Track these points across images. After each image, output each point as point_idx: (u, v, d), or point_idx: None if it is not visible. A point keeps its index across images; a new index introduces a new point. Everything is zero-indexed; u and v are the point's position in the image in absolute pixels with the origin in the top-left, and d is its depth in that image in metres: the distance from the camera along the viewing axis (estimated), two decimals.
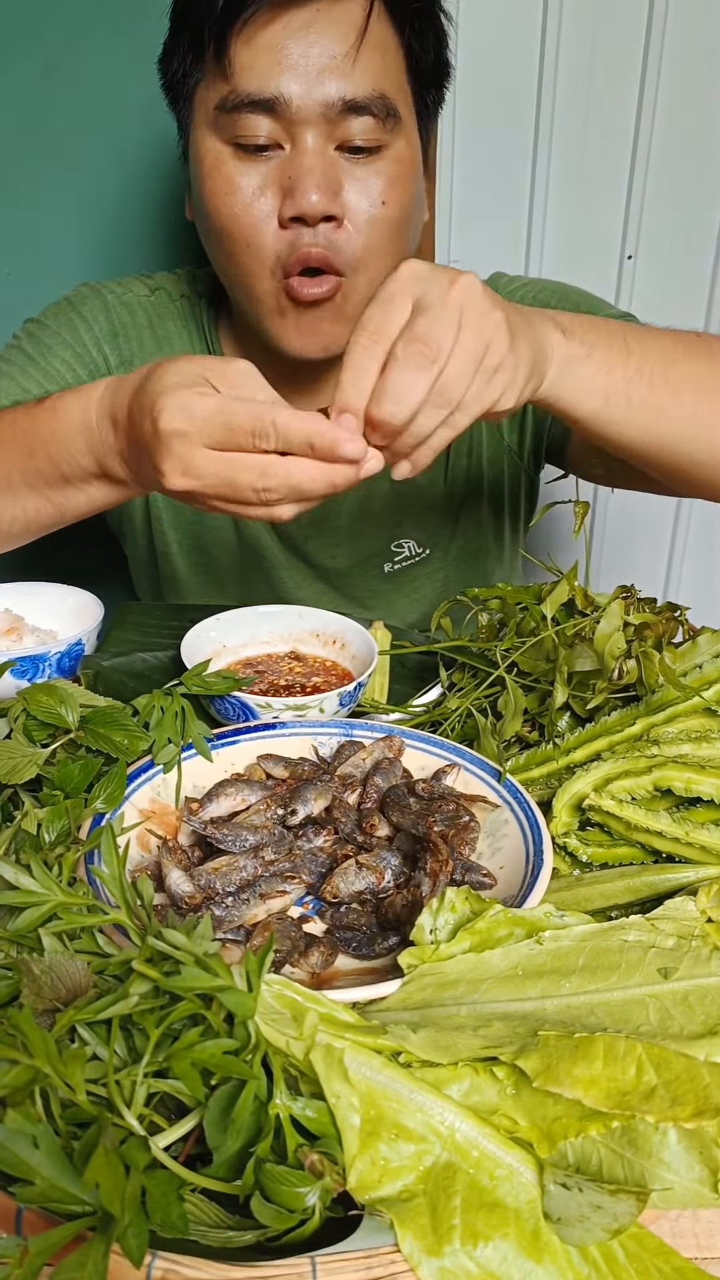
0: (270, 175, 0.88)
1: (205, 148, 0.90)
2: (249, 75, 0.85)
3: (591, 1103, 0.41)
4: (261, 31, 0.84)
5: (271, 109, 0.85)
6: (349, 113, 0.86)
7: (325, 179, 0.86)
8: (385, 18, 0.87)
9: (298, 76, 0.84)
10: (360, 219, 0.89)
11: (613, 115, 1.57)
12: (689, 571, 1.92)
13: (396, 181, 0.90)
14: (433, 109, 0.97)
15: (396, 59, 0.89)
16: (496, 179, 1.62)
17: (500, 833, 0.62)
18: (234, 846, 0.60)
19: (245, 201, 0.89)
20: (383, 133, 0.88)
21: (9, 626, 0.88)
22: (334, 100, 0.85)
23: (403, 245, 0.95)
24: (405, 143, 0.91)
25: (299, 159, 0.86)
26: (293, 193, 0.86)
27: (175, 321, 1.14)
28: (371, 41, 0.86)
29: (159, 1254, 0.38)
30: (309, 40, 0.84)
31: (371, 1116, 0.41)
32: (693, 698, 0.66)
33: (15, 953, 0.48)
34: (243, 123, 0.86)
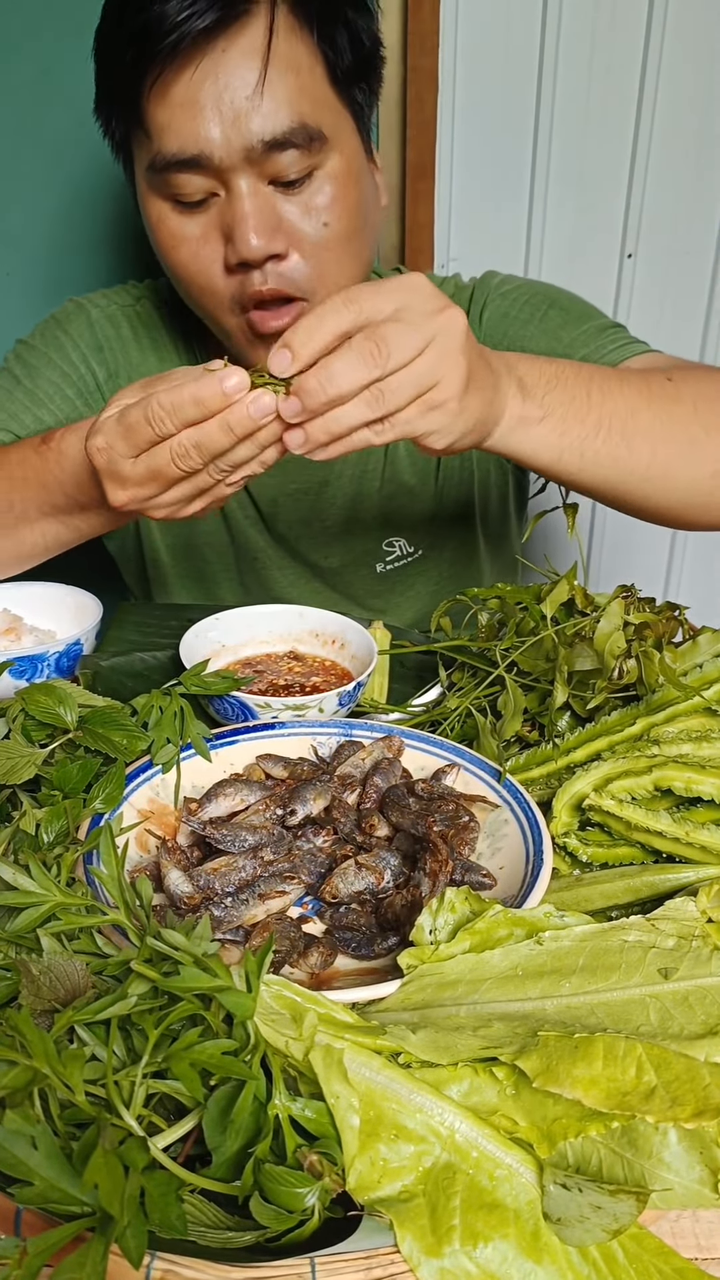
0: (211, 222, 0.89)
1: (148, 202, 0.91)
2: (169, 135, 0.84)
3: (591, 1103, 0.41)
4: (173, 86, 0.83)
5: (198, 164, 0.85)
6: (272, 150, 0.84)
7: (262, 220, 0.86)
8: (293, 32, 0.84)
9: (215, 126, 0.83)
10: (307, 245, 0.89)
11: (613, 115, 1.57)
12: (689, 571, 1.93)
13: (335, 199, 0.89)
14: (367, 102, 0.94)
15: (313, 72, 0.86)
16: (496, 179, 1.62)
17: (500, 833, 0.62)
18: (233, 847, 0.60)
19: (192, 252, 0.90)
20: (311, 158, 0.86)
21: (7, 626, 0.88)
22: (254, 145, 0.83)
23: (361, 249, 0.94)
24: (339, 155, 0.89)
25: (234, 205, 0.86)
26: (233, 239, 0.86)
27: (162, 329, 1.14)
28: (280, 65, 0.83)
29: (158, 1254, 0.38)
30: (219, 85, 0.82)
31: (371, 1117, 0.41)
32: (693, 697, 0.66)
33: (14, 953, 0.48)
34: (174, 181, 0.86)
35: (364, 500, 1.15)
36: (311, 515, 1.15)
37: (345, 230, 0.91)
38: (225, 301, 0.92)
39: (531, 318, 1.05)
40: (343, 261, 0.92)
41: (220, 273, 0.90)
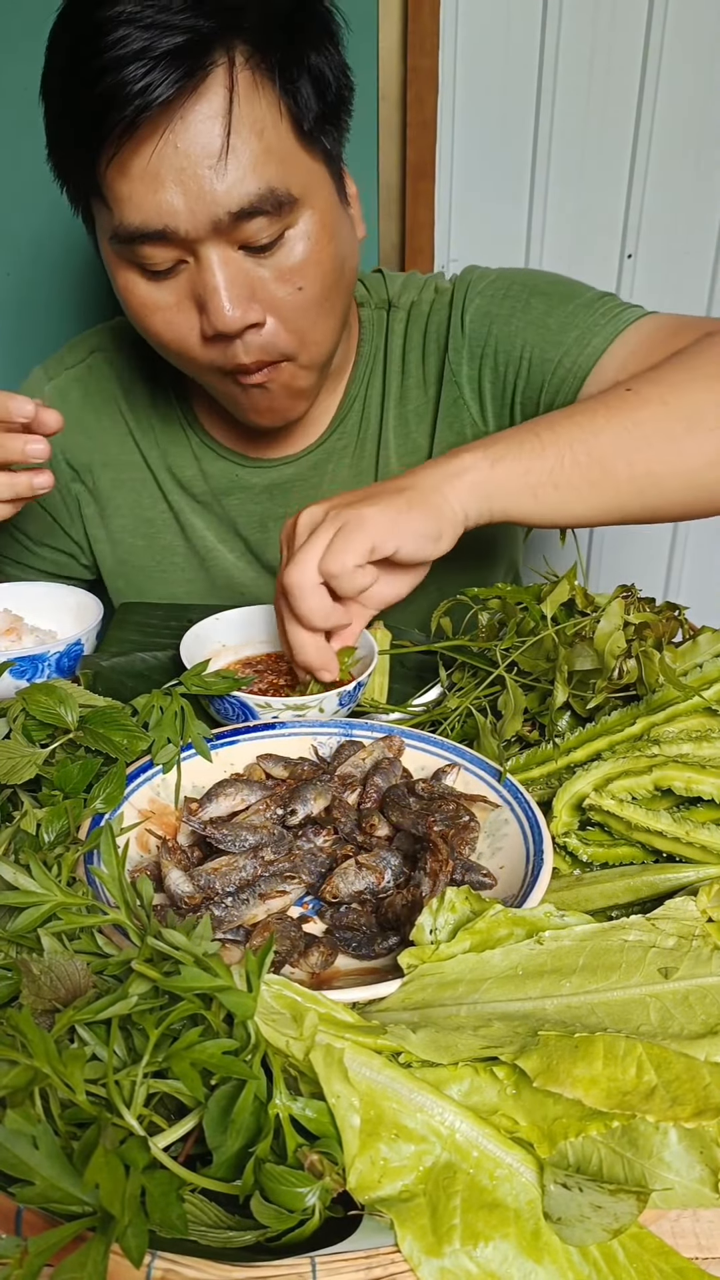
0: (183, 290, 0.85)
1: (114, 264, 0.87)
2: (130, 207, 0.80)
3: (592, 1103, 0.41)
4: (133, 158, 0.77)
5: (163, 237, 0.80)
6: (239, 221, 0.80)
7: (236, 290, 0.82)
8: (254, 90, 0.78)
9: (178, 198, 0.78)
10: (284, 310, 0.86)
11: (613, 115, 1.57)
12: (689, 571, 1.93)
13: (309, 261, 0.85)
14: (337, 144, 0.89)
15: (278, 130, 0.80)
16: (496, 179, 1.62)
17: (500, 832, 0.62)
18: (233, 846, 0.60)
19: (166, 320, 0.87)
20: (281, 221, 0.82)
21: (8, 626, 0.88)
22: (221, 217, 0.79)
23: (337, 302, 0.91)
24: (311, 211, 0.84)
25: (204, 276, 0.82)
26: (207, 311, 0.83)
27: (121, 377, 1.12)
28: (244, 128, 0.78)
29: (159, 1254, 0.38)
30: (180, 155, 0.77)
31: (371, 1117, 0.41)
32: (693, 697, 0.66)
33: (15, 953, 0.48)
34: (140, 253, 0.82)
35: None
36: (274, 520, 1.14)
37: (320, 291, 0.88)
38: (205, 366, 0.90)
39: (514, 311, 1.01)
40: (319, 322, 0.90)
41: (197, 341, 0.87)
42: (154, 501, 1.14)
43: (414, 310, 1.08)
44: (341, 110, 0.88)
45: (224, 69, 0.76)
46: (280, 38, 0.79)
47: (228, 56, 0.76)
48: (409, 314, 1.08)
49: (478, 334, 1.03)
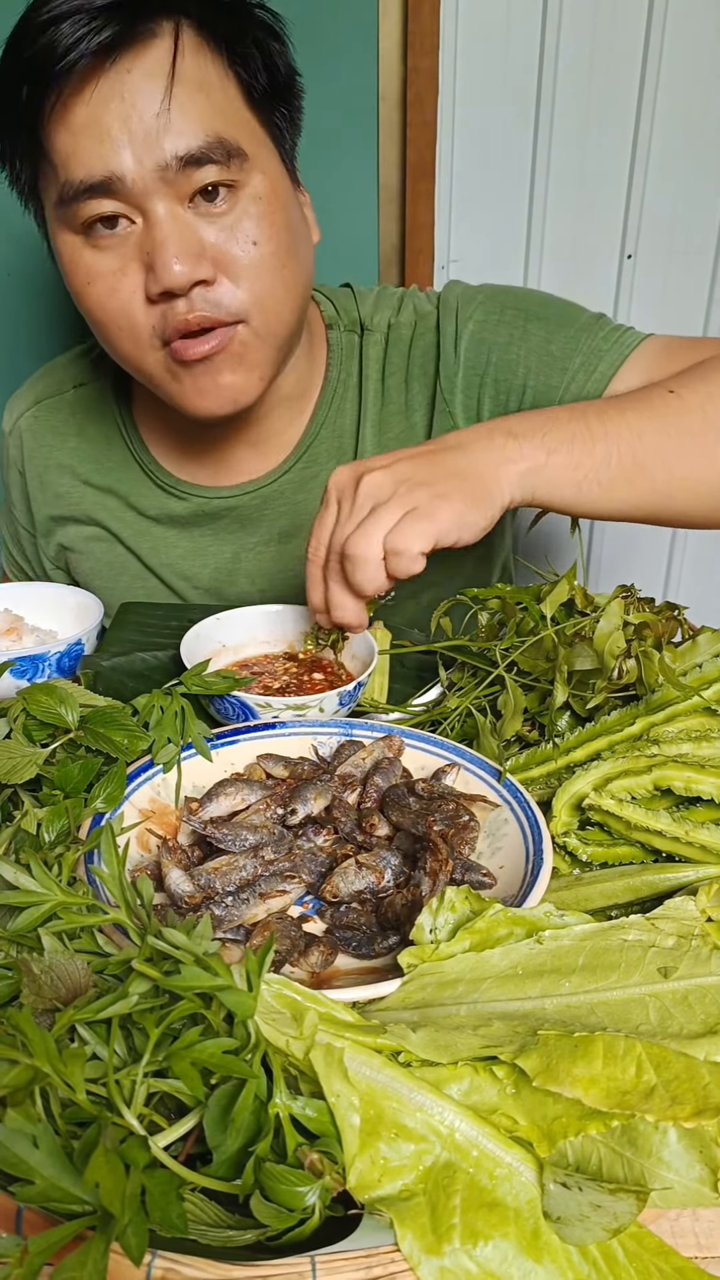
0: (128, 254, 0.83)
1: (61, 242, 0.86)
2: (75, 162, 0.79)
3: (591, 1102, 0.41)
4: (74, 112, 0.78)
5: (109, 189, 0.79)
6: (188, 167, 0.79)
7: (184, 245, 0.81)
8: (201, 51, 0.80)
9: (123, 147, 0.78)
10: (236, 267, 0.84)
11: (613, 115, 1.57)
12: (689, 571, 1.93)
13: (263, 218, 0.84)
14: (288, 128, 0.89)
15: (226, 92, 0.81)
16: (496, 179, 1.62)
17: (500, 832, 0.62)
18: (234, 846, 0.60)
19: (109, 287, 0.84)
20: (230, 174, 0.81)
21: (9, 626, 0.88)
22: (168, 161, 0.78)
23: (294, 276, 0.89)
24: (262, 175, 0.84)
25: (152, 232, 0.81)
26: (154, 267, 0.81)
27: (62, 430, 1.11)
28: (190, 83, 0.79)
29: (159, 1253, 0.38)
30: (125, 105, 0.77)
31: (371, 1116, 0.41)
32: (692, 697, 0.66)
33: (15, 952, 0.48)
34: (84, 209, 0.81)
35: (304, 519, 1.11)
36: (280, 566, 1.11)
37: (276, 250, 0.86)
38: (145, 337, 0.86)
39: (513, 339, 0.99)
40: (276, 288, 0.87)
41: (141, 305, 0.84)
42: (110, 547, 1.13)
43: (392, 333, 1.04)
44: (291, 97, 0.88)
45: (170, 30, 0.78)
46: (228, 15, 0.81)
47: (174, 20, 0.78)
48: (386, 337, 1.04)
49: (475, 362, 1.00)
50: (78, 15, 0.75)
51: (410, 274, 1.64)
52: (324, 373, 1.05)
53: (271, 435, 1.04)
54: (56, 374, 1.13)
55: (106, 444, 1.09)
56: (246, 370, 0.90)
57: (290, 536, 1.09)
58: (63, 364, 1.14)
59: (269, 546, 1.09)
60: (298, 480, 1.06)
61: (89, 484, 1.10)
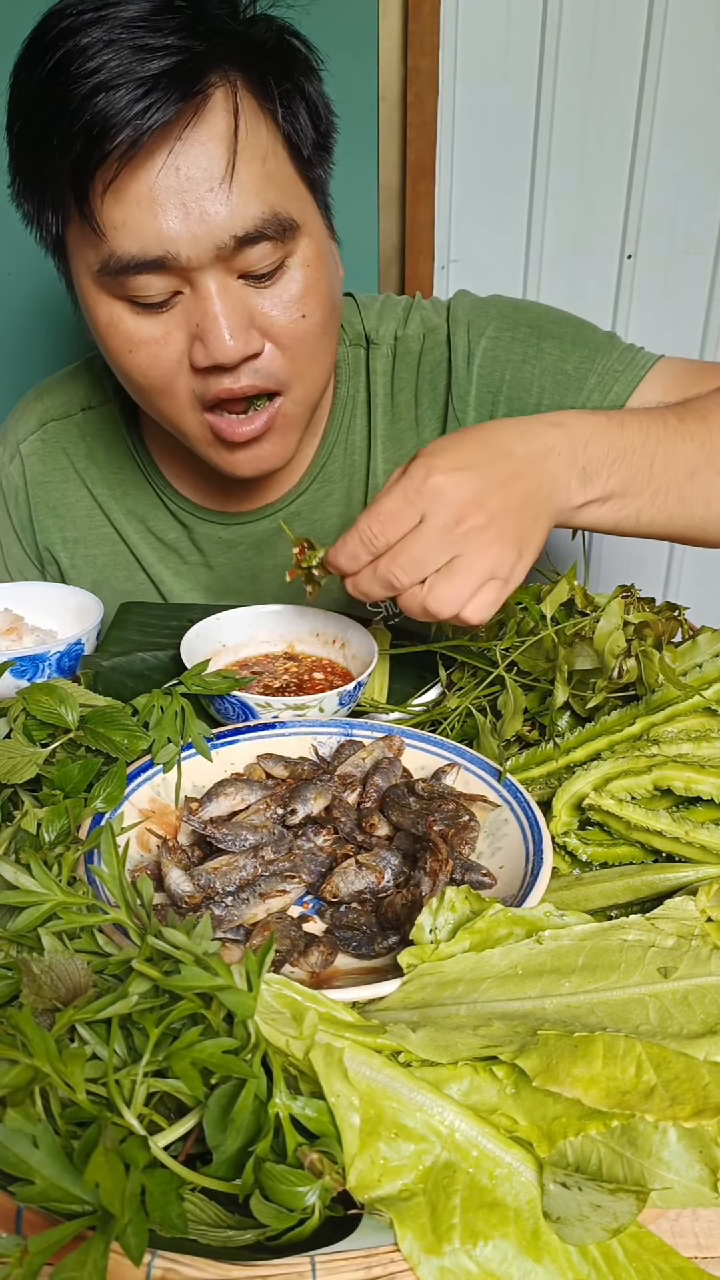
0: (174, 322, 0.80)
1: (96, 302, 0.81)
2: (125, 235, 0.75)
3: (591, 1102, 0.41)
4: (128, 184, 0.73)
5: (161, 266, 0.76)
6: (244, 246, 0.77)
7: (237, 320, 0.79)
8: (256, 115, 0.77)
9: (179, 224, 0.75)
10: (283, 337, 0.82)
11: (613, 115, 1.57)
12: (689, 571, 1.93)
13: (310, 288, 0.82)
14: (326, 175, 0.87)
15: (277, 157, 0.79)
16: (496, 179, 1.62)
17: (500, 832, 0.62)
18: (234, 846, 0.60)
19: (152, 354, 0.82)
20: (283, 248, 0.79)
21: (9, 626, 0.88)
22: (225, 242, 0.76)
23: (331, 338, 0.88)
24: (309, 239, 0.82)
25: (203, 304, 0.78)
26: (204, 340, 0.79)
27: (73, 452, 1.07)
28: (247, 151, 0.75)
29: (159, 1253, 0.38)
30: (181, 178, 0.74)
31: (371, 1116, 0.41)
32: (693, 697, 0.66)
33: (15, 952, 0.48)
34: (133, 284, 0.78)
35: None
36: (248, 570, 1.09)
37: (322, 320, 0.84)
38: (185, 400, 0.85)
39: (527, 357, 0.98)
40: (318, 354, 0.86)
41: (185, 372, 0.82)
42: (130, 574, 1.10)
43: (399, 346, 1.03)
44: (331, 142, 0.85)
45: (224, 93, 0.74)
46: (274, 63, 0.77)
47: (227, 81, 0.75)
48: (394, 350, 1.03)
49: (489, 379, 0.99)
50: (133, 85, 0.70)
51: (410, 274, 1.64)
52: (333, 390, 1.04)
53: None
54: (59, 395, 1.08)
55: (119, 469, 1.06)
56: (285, 439, 0.90)
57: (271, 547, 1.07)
58: (64, 384, 1.09)
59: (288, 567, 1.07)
60: (313, 501, 1.05)
61: (108, 508, 1.07)
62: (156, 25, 0.71)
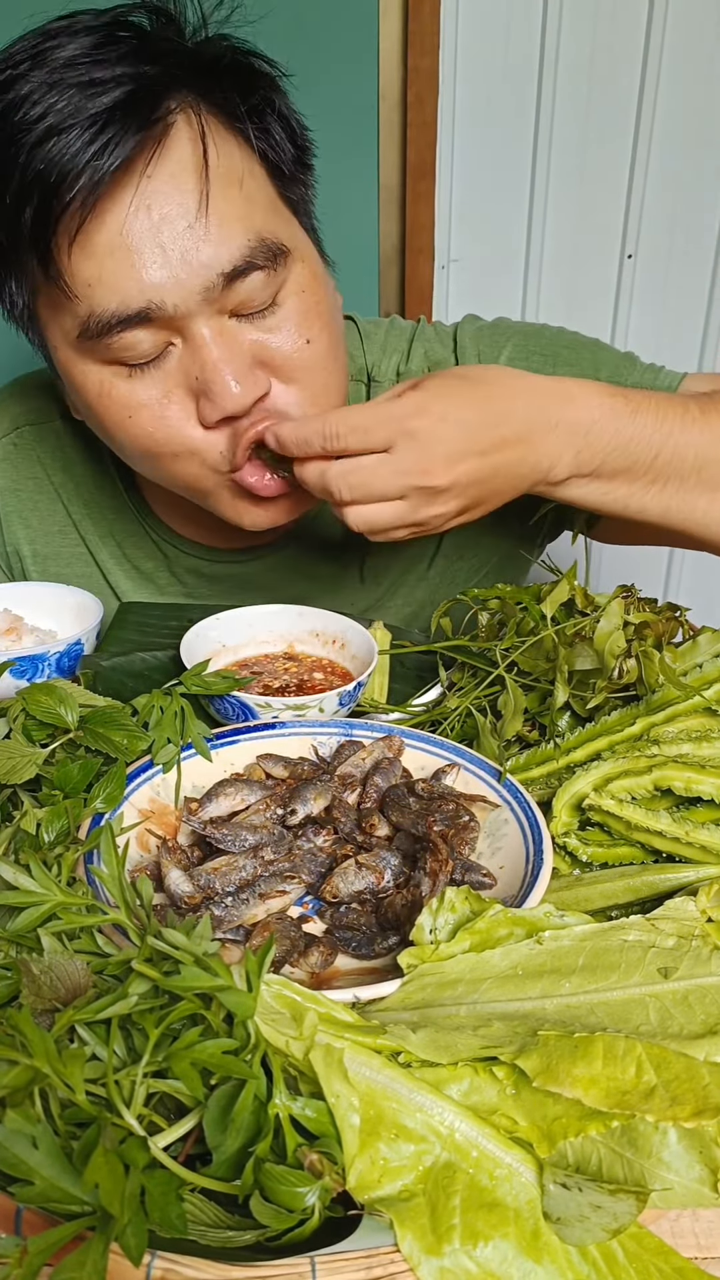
0: (172, 380, 0.75)
1: (81, 372, 0.76)
2: (101, 291, 0.69)
3: (591, 1102, 0.41)
4: (95, 234, 0.67)
5: (146, 319, 0.70)
6: (234, 282, 0.71)
7: (238, 364, 0.73)
8: (223, 135, 0.71)
9: (159, 270, 0.68)
10: (289, 368, 0.77)
11: (613, 115, 1.57)
12: (689, 571, 1.93)
13: (310, 312, 0.77)
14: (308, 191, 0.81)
15: (255, 178, 0.73)
16: (496, 179, 1.62)
17: (500, 832, 0.62)
18: (233, 846, 0.60)
19: (155, 417, 0.75)
20: (275, 279, 0.74)
21: (8, 626, 0.88)
22: (213, 281, 0.70)
23: (340, 361, 0.83)
24: (301, 264, 0.76)
25: (199, 355, 0.72)
26: (209, 394, 0.73)
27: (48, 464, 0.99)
28: (221, 179, 0.70)
29: (158, 1254, 0.38)
30: (154, 218, 0.68)
31: (371, 1116, 0.41)
32: (693, 697, 0.66)
33: (15, 953, 0.48)
34: (118, 345, 0.72)
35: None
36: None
37: (329, 344, 0.79)
38: (209, 461, 0.78)
39: None
40: (329, 383, 0.80)
41: (198, 432, 0.76)
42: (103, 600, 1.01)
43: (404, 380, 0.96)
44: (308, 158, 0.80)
45: (186, 119, 0.69)
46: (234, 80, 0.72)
47: (188, 105, 0.69)
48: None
49: None
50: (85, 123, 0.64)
51: (410, 274, 1.64)
52: None
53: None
54: (33, 399, 1.00)
55: (97, 487, 1.00)
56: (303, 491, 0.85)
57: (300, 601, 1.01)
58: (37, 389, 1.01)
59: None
60: (308, 544, 1.00)
61: (82, 527, 1.01)
62: (100, 59, 0.66)
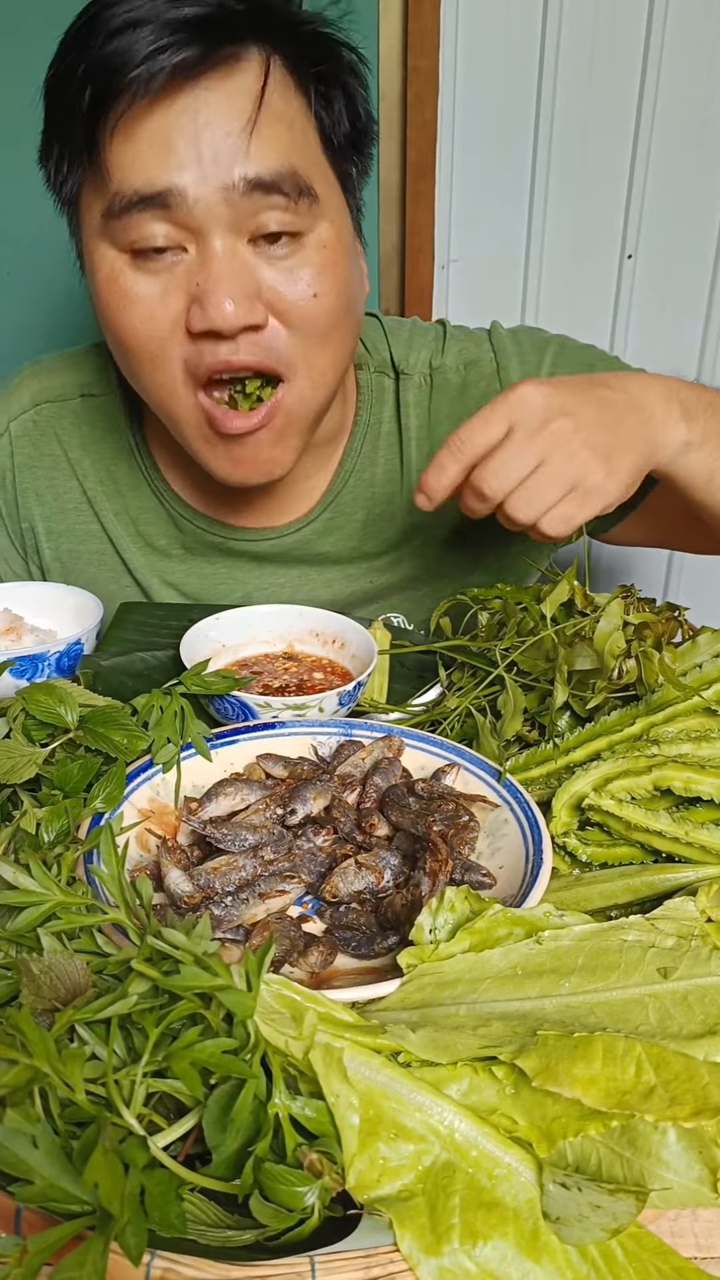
0: (175, 281, 0.77)
1: (99, 257, 0.79)
2: (133, 171, 0.73)
3: (590, 1102, 0.41)
4: (141, 124, 0.72)
5: (164, 205, 0.73)
6: (255, 193, 0.73)
7: (239, 285, 0.75)
8: (288, 86, 0.75)
9: (189, 163, 0.72)
10: (291, 314, 0.78)
11: (613, 115, 1.57)
12: (688, 572, 1.93)
13: (325, 269, 0.79)
14: (359, 177, 0.85)
15: (306, 132, 0.77)
16: (496, 179, 1.62)
17: (500, 832, 0.62)
18: (233, 846, 0.60)
19: (146, 313, 0.77)
20: (299, 216, 0.76)
21: (8, 626, 0.88)
22: (234, 182, 0.73)
23: (346, 336, 0.84)
24: (329, 223, 0.79)
25: (207, 264, 0.75)
26: (203, 303, 0.75)
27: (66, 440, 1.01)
28: (272, 113, 0.74)
29: (158, 1253, 0.38)
30: (198, 124, 0.72)
31: (370, 1116, 0.41)
32: (692, 697, 0.66)
33: (14, 952, 0.48)
34: (134, 226, 0.75)
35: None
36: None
37: (335, 306, 0.80)
38: (178, 374, 0.80)
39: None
40: (328, 343, 0.82)
41: (179, 339, 0.78)
42: (116, 575, 1.05)
43: (436, 377, 0.99)
44: (366, 145, 0.84)
45: (259, 60, 0.74)
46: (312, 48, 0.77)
47: (264, 51, 0.74)
48: (430, 382, 0.99)
49: None
50: (160, 24, 0.70)
51: (410, 274, 1.64)
52: (353, 416, 1.00)
53: (298, 480, 0.98)
54: (57, 376, 1.02)
55: (114, 464, 1.01)
56: (285, 444, 0.85)
57: (309, 579, 1.04)
58: (65, 365, 1.03)
59: (284, 589, 1.04)
60: (322, 529, 1.01)
61: (97, 505, 1.02)
62: None
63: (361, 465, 1.00)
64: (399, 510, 1.02)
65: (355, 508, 1.01)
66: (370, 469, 1.00)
